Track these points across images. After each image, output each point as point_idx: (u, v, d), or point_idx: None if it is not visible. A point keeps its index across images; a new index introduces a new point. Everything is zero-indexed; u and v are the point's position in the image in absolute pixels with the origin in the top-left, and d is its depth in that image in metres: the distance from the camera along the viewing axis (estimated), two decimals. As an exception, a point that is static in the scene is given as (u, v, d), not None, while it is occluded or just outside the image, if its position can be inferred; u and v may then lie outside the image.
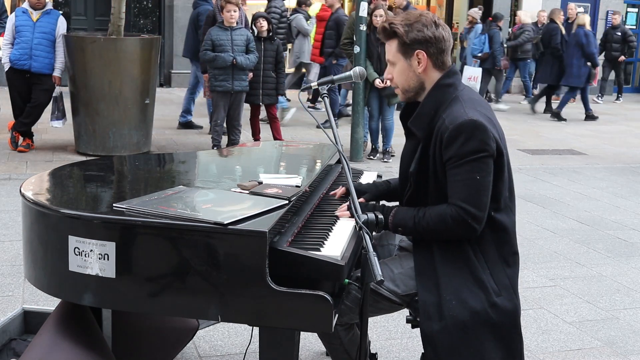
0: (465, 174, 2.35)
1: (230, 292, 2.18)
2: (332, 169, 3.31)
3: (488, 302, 2.40)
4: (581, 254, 5.34)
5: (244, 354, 3.19)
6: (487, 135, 2.36)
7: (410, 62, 2.48)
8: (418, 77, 2.49)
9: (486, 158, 2.37)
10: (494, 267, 2.45)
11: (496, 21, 12.58)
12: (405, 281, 2.52)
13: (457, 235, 2.40)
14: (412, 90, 2.52)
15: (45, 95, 7.51)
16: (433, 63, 2.48)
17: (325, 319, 2.14)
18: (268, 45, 7.83)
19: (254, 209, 2.32)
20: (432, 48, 2.46)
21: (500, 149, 2.44)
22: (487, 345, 2.41)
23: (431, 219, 2.39)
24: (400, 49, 2.47)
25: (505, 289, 2.44)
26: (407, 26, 2.44)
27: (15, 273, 4.32)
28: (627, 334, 3.99)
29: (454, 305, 2.38)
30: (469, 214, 2.34)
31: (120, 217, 2.27)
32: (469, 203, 2.34)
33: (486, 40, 12.25)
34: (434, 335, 2.40)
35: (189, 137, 8.87)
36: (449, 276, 2.41)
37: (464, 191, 2.35)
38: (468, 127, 2.35)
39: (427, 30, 2.44)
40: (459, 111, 2.39)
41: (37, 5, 7.34)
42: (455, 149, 2.35)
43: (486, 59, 12.29)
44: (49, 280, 2.44)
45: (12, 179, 6.47)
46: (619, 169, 8.59)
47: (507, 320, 2.43)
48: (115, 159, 3.72)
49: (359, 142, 8.06)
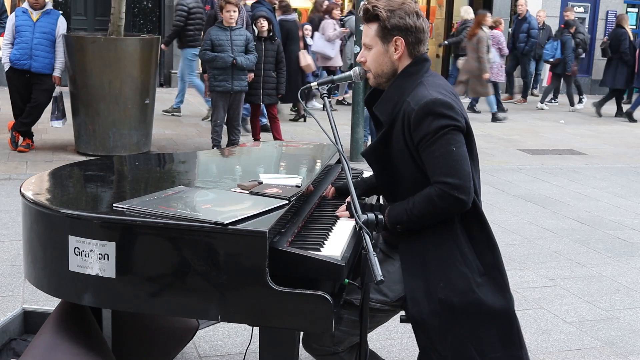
0: (441, 148, 2.34)
1: (230, 292, 2.18)
2: (332, 169, 3.31)
3: (475, 282, 2.40)
4: (581, 254, 5.34)
5: (244, 354, 3.19)
6: (454, 111, 2.38)
7: (387, 47, 2.48)
8: (392, 64, 2.49)
9: (457, 130, 2.37)
10: (477, 245, 2.45)
11: (568, 28, 12.92)
12: (392, 287, 2.50)
13: (448, 212, 2.38)
14: (384, 76, 2.52)
15: (45, 95, 7.51)
16: (409, 52, 2.48)
17: (325, 318, 2.14)
18: (269, 45, 7.83)
19: (254, 209, 2.32)
20: (411, 37, 2.46)
21: (469, 127, 2.44)
22: (478, 325, 2.40)
23: (420, 205, 2.38)
24: (380, 33, 2.47)
25: (491, 269, 2.44)
26: (390, 12, 2.44)
27: (15, 273, 4.32)
28: (627, 334, 3.99)
29: (442, 287, 2.38)
30: (453, 186, 2.32)
31: (120, 217, 2.27)
32: (450, 176, 2.33)
33: (558, 47, 12.80)
34: (424, 319, 2.39)
35: (189, 137, 8.87)
36: (436, 255, 2.41)
37: (443, 165, 2.34)
38: (433, 105, 2.35)
39: (409, 19, 2.44)
40: (422, 92, 2.39)
41: (35, 5, 7.34)
42: (425, 128, 2.35)
43: (557, 64, 12.90)
44: (49, 280, 2.44)
45: (12, 179, 6.48)
46: (619, 169, 8.59)
47: (496, 300, 2.42)
48: (115, 159, 3.72)
49: (359, 142, 8.06)
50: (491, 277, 2.44)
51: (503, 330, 2.45)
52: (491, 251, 2.48)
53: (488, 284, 2.43)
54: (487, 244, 2.47)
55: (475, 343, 2.41)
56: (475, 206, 2.43)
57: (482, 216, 2.48)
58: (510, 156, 8.93)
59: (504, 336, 2.45)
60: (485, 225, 2.48)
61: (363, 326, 2.33)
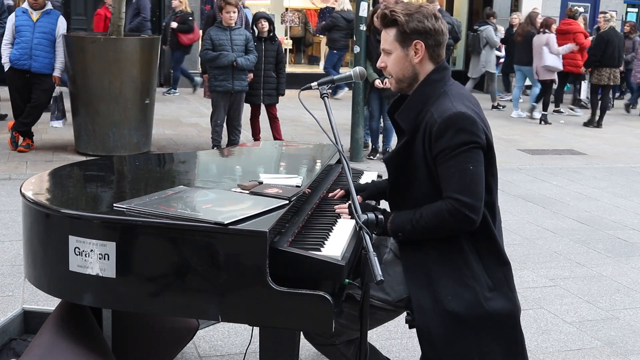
0: (458, 165, 2.33)
1: (231, 292, 2.18)
2: (332, 169, 3.31)
3: (483, 296, 2.39)
4: (581, 254, 5.34)
5: (244, 354, 3.19)
6: (477, 127, 2.36)
7: (407, 51, 2.47)
8: (413, 68, 2.49)
9: (477, 149, 2.36)
10: (487, 262, 2.44)
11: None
12: (395, 287, 2.51)
13: (456, 229, 2.38)
14: (406, 81, 2.51)
15: (45, 95, 7.51)
16: (429, 55, 2.48)
17: (325, 318, 2.14)
18: (269, 46, 7.83)
19: (254, 209, 2.32)
20: (431, 40, 2.45)
21: (490, 142, 2.44)
22: (484, 338, 2.40)
23: (428, 218, 2.37)
24: (399, 38, 2.47)
25: (500, 283, 2.44)
26: (408, 16, 2.44)
27: (15, 273, 4.32)
28: (627, 334, 3.99)
29: (449, 300, 2.38)
30: (465, 204, 2.32)
31: (120, 217, 2.27)
32: (463, 194, 2.32)
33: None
34: (430, 330, 2.39)
35: (189, 137, 8.87)
36: (443, 272, 2.40)
37: (458, 182, 2.33)
38: (457, 120, 2.34)
39: (427, 22, 2.44)
40: (446, 105, 2.39)
41: (34, 5, 7.34)
42: (446, 141, 2.34)
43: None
44: (49, 280, 2.44)
45: (12, 179, 6.47)
46: (619, 169, 8.59)
47: (503, 314, 2.42)
48: (115, 159, 3.72)
49: (359, 142, 8.06)
50: (501, 292, 2.44)
51: (509, 343, 2.45)
52: (501, 268, 2.47)
53: (497, 299, 2.42)
54: (497, 260, 2.47)
55: (481, 355, 2.41)
56: (486, 223, 2.43)
57: (492, 233, 2.46)
58: (510, 156, 8.93)
59: (509, 349, 2.45)
60: (495, 241, 2.47)
61: (363, 326, 2.33)
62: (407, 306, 2.54)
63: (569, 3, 15.31)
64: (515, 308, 2.47)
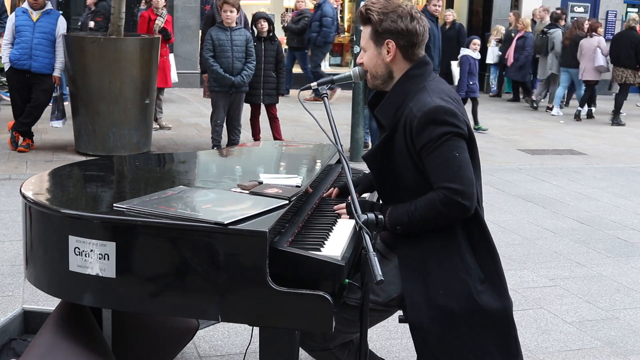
0: (443, 155, 2.34)
1: (230, 292, 2.18)
2: (332, 169, 3.31)
3: (475, 289, 2.39)
4: (581, 254, 5.34)
5: (244, 354, 3.19)
6: (457, 118, 2.38)
7: (379, 50, 2.48)
8: (386, 66, 2.49)
9: (459, 136, 2.37)
10: (479, 253, 2.45)
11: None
12: (385, 288, 2.50)
13: (451, 218, 2.38)
14: (380, 78, 2.52)
15: (45, 95, 7.50)
16: (402, 54, 2.48)
17: (325, 319, 2.14)
18: (268, 46, 7.84)
19: (254, 209, 2.32)
20: (403, 40, 2.46)
21: (472, 134, 2.44)
22: (478, 334, 2.40)
23: (423, 210, 2.37)
24: (372, 36, 2.48)
25: (491, 275, 2.44)
26: (383, 14, 2.44)
27: (15, 273, 4.32)
28: (627, 334, 3.99)
29: (442, 294, 2.38)
30: (456, 192, 2.32)
31: (120, 217, 2.27)
32: (453, 181, 2.32)
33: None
34: (423, 325, 2.39)
35: (189, 137, 8.87)
36: (436, 263, 2.41)
37: (446, 171, 2.34)
38: (436, 113, 2.35)
39: (401, 22, 2.44)
40: (425, 99, 2.39)
41: (35, 5, 7.34)
42: (427, 135, 2.35)
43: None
44: (49, 280, 2.44)
45: (12, 179, 6.47)
46: (619, 169, 8.59)
47: (496, 309, 2.42)
48: (115, 159, 3.72)
49: (359, 142, 8.06)
50: (491, 283, 2.44)
51: (502, 338, 2.45)
52: (491, 257, 2.47)
53: (488, 291, 2.43)
54: (488, 251, 2.47)
55: (474, 350, 2.41)
56: (476, 213, 2.43)
57: (483, 223, 2.47)
58: (510, 156, 8.93)
59: (503, 343, 2.45)
60: (486, 231, 2.47)
61: (363, 326, 2.33)
62: (399, 305, 2.54)
63: (569, 3, 15.31)
64: (507, 302, 2.47)
